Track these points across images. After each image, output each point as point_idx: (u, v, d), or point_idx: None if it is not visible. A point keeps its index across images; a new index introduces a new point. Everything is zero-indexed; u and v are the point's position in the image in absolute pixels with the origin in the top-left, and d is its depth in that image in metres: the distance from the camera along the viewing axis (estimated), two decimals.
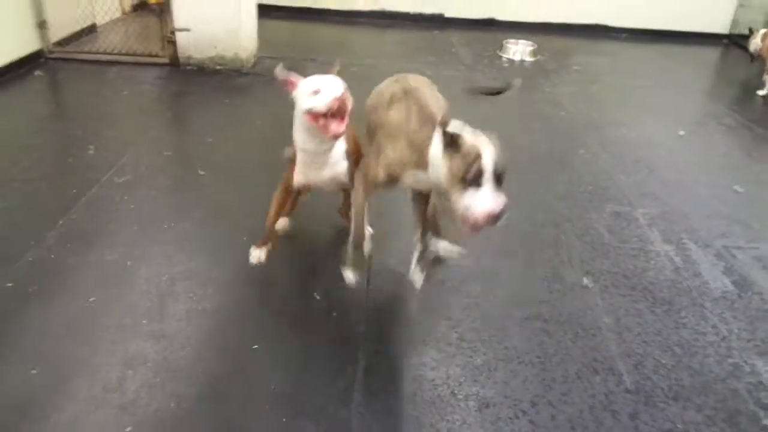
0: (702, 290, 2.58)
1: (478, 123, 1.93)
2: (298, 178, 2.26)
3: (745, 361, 2.19)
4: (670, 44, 7.06)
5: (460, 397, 1.96)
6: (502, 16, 7.18)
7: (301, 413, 1.86)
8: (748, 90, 5.49)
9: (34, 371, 1.94)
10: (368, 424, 1.83)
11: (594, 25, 7.11)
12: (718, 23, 7.19)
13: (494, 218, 1.75)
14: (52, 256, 2.51)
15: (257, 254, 2.50)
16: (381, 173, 2.05)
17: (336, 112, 2.00)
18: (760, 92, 5.28)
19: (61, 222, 2.74)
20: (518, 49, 6.04)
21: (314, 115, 2.03)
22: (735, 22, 7.16)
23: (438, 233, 2.36)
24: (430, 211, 2.34)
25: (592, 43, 6.85)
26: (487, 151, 1.75)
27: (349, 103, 2.05)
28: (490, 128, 1.88)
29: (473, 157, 1.74)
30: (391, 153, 2.02)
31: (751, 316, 2.43)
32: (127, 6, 6.51)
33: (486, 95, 2.65)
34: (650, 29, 7.16)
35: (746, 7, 7.03)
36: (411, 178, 2.03)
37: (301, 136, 2.16)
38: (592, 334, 2.28)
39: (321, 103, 1.99)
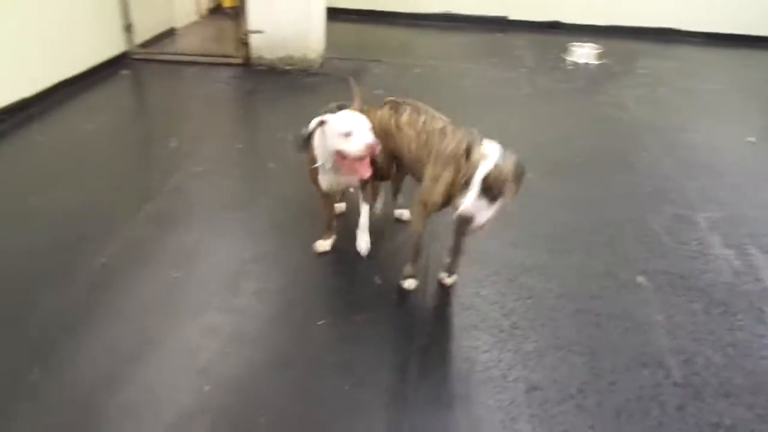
0: (762, 295, 2.56)
1: (539, 123, 2.03)
2: (323, 185, 2.50)
3: None
4: (747, 49, 6.84)
5: (510, 379, 2.05)
6: (567, 19, 7.14)
7: (361, 383, 2.01)
8: None
9: (121, 336, 2.17)
10: (422, 396, 1.96)
11: (665, 29, 6.96)
12: None
13: (465, 219, 1.94)
14: (139, 236, 2.77)
15: (323, 244, 2.69)
16: (439, 198, 2.22)
17: (365, 156, 2.20)
18: None
19: (146, 207, 3.00)
20: (583, 52, 6.01)
21: (344, 156, 2.23)
22: None
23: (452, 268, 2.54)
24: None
25: (662, 46, 6.72)
26: (483, 164, 1.93)
27: (378, 149, 2.23)
28: (552, 129, 1.98)
29: (471, 167, 1.94)
30: (448, 177, 2.18)
31: None
32: (204, 10, 6.89)
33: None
34: (726, 33, 6.93)
35: None
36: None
37: (325, 159, 2.37)
38: (644, 329, 2.32)
39: (353, 148, 2.19)
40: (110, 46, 4.99)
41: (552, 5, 7.14)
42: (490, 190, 1.93)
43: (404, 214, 2.94)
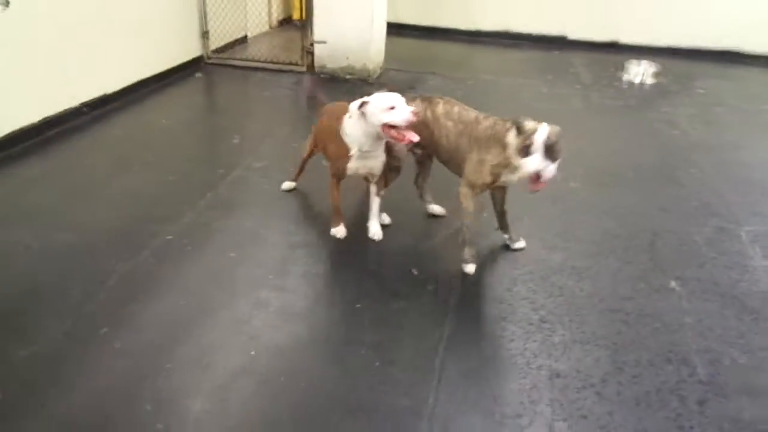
0: None
1: (590, 137, 2.18)
2: (351, 167, 2.78)
3: None
4: None
5: (534, 366, 2.17)
6: (626, 39, 7.14)
7: (392, 361, 2.17)
8: None
9: (182, 302, 2.42)
10: (451, 377, 2.10)
11: (725, 50, 6.85)
12: None
13: (538, 176, 2.33)
14: (202, 219, 3.03)
15: (339, 231, 2.93)
16: (488, 178, 2.54)
17: (410, 124, 2.52)
18: None
19: (209, 194, 3.28)
20: (639, 71, 6.03)
21: (391, 127, 2.53)
22: None
23: (505, 228, 2.88)
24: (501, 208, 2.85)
25: (722, 68, 6.62)
26: (540, 131, 2.30)
27: (420, 115, 2.60)
28: (601, 143, 2.15)
29: (529, 135, 2.31)
30: (492, 159, 2.49)
31: None
32: (275, 21, 7.28)
33: None
34: None
35: None
36: (506, 177, 2.52)
37: (361, 140, 2.68)
38: (672, 330, 2.39)
39: (400, 118, 2.51)
40: (188, 50, 5.39)
41: (611, 25, 7.15)
42: (550, 150, 2.30)
43: (435, 208, 3.14)
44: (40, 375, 2.01)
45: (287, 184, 3.35)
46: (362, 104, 2.60)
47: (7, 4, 3.46)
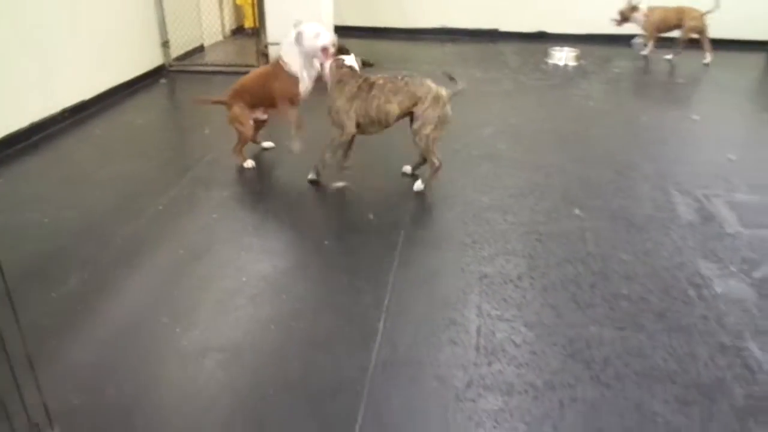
0: (672, 220, 3.24)
1: (515, 110, 2.76)
2: (303, 89, 3.67)
3: (691, 261, 2.87)
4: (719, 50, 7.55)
5: (466, 272, 2.77)
6: (551, 29, 7.92)
7: (356, 277, 2.74)
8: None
9: (180, 251, 2.94)
10: (401, 283, 2.69)
11: (636, 35, 7.69)
12: (761, 31, 7.60)
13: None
14: (186, 192, 3.55)
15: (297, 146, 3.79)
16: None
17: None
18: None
19: (189, 173, 3.79)
20: (562, 55, 6.77)
21: (324, 50, 3.43)
22: None
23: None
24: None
25: (632, 51, 7.46)
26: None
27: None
28: (525, 114, 2.72)
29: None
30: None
31: (705, 234, 3.10)
32: (227, 30, 7.79)
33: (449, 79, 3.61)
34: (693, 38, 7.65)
35: None
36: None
37: (303, 65, 3.60)
38: (574, 242, 3.03)
39: (328, 40, 3.48)
40: (151, 59, 5.87)
41: (537, 17, 7.93)
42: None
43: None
44: (68, 311, 2.51)
45: (249, 162, 3.89)
46: (298, 35, 3.46)
47: None
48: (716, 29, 7.56)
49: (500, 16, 8.04)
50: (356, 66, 3.46)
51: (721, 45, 7.60)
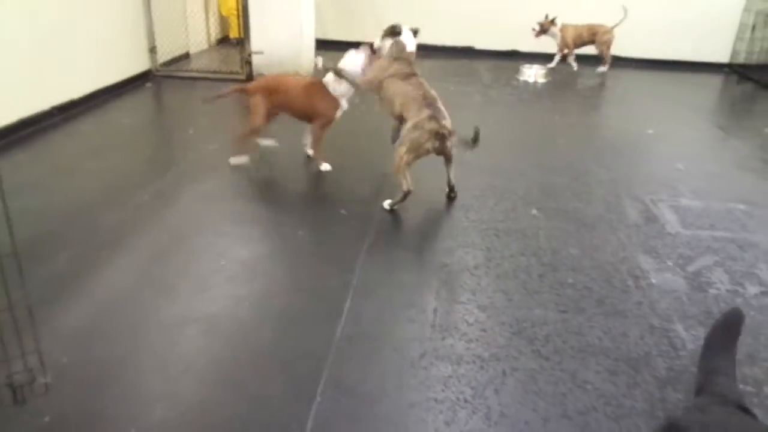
0: (620, 220, 3.53)
1: (484, 121, 3.07)
2: (338, 114, 3.98)
3: (633, 256, 3.16)
4: (673, 72, 7.99)
5: (426, 261, 3.03)
6: (524, 48, 8.29)
7: (327, 262, 2.98)
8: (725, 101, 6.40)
9: (164, 236, 3.14)
10: (367, 268, 2.92)
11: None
12: (718, 53, 8.07)
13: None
14: (170, 185, 3.77)
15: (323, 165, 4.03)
16: None
17: None
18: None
19: (173, 168, 4.02)
20: (532, 72, 7.13)
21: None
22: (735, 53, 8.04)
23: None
24: None
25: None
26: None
27: None
28: (493, 124, 3.02)
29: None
30: None
31: (648, 234, 3.39)
32: (213, 39, 8.03)
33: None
34: (655, 59, 8.12)
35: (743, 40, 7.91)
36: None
37: (347, 93, 3.94)
38: (529, 238, 3.30)
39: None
40: (138, 63, 6.09)
41: (510, 36, 8.30)
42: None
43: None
44: (57, 286, 2.70)
45: (236, 160, 4.11)
46: (339, 72, 3.80)
47: None
48: (677, 51, 8.06)
49: (475, 34, 8.40)
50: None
51: (680, 66, 8.07)
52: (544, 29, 7.50)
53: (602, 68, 7.57)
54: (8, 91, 4.35)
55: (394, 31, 3.79)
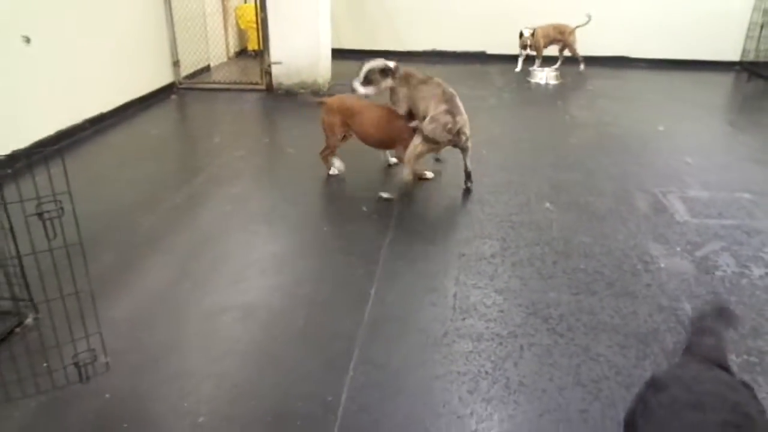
0: (630, 211, 3.69)
1: (498, 122, 3.30)
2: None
3: (642, 243, 3.31)
4: (684, 71, 8.10)
5: (446, 251, 3.20)
6: (532, 52, 8.45)
7: (351, 255, 3.17)
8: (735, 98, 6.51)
9: (198, 236, 3.36)
10: (389, 260, 3.11)
11: (615, 57, 8.25)
12: (729, 52, 8.17)
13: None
14: (200, 189, 3.99)
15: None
16: None
17: None
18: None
19: (202, 174, 4.24)
20: (543, 75, 7.29)
21: None
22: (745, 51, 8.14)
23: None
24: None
25: (611, 70, 8.00)
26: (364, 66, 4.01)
27: None
28: (506, 126, 3.23)
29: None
30: None
31: (657, 223, 3.54)
32: (232, 52, 8.32)
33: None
34: (667, 59, 8.23)
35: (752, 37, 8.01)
36: None
37: None
38: (542, 229, 3.46)
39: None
40: (163, 76, 6.37)
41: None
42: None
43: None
44: (105, 281, 2.92)
45: (335, 170, 4.17)
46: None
47: (28, 41, 4.38)
48: (688, 51, 8.17)
49: (487, 39, 8.59)
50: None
51: (691, 65, 8.18)
52: (526, 45, 7.69)
53: (582, 67, 7.78)
54: (47, 105, 4.62)
55: (378, 71, 4.32)
